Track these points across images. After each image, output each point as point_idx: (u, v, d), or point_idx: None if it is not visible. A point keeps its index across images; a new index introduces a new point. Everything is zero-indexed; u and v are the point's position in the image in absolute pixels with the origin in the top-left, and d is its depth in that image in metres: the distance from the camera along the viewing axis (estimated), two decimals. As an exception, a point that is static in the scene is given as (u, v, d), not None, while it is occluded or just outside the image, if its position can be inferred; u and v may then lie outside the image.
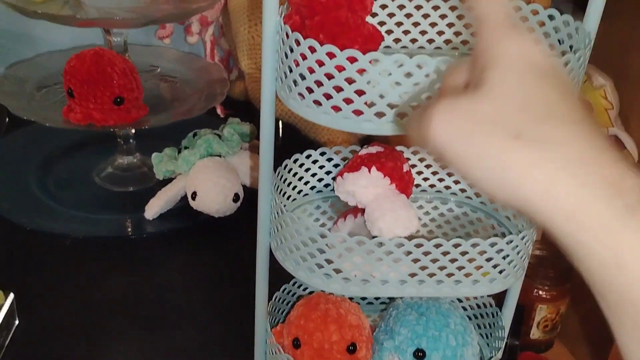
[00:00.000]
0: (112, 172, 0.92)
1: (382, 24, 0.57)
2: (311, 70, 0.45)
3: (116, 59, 0.76)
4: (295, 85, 0.47)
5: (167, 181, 0.85)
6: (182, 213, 0.83)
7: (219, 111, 1.04)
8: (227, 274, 0.77)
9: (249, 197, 0.82)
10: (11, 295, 0.65)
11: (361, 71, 0.44)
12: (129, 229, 0.82)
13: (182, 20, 0.98)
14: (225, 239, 0.82)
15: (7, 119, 1.00)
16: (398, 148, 0.61)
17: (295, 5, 0.49)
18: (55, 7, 0.76)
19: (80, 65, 0.75)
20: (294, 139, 0.99)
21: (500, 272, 0.52)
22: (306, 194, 0.62)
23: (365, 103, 0.45)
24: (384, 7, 0.57)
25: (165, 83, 0.92)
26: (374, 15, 0.57)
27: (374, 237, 0.52)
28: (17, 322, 0.67)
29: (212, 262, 0.79)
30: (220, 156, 0.83)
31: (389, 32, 0.58)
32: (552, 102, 0.32)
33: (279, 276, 0.57)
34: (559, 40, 0.52)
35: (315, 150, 0.61)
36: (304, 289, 0.65)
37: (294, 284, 0.64)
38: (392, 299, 0.66)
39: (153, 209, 0.82)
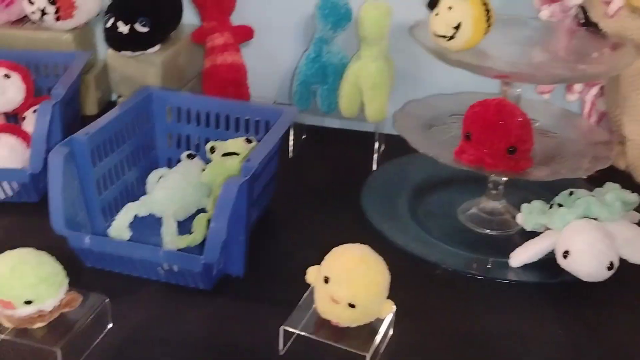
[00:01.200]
0: (476, 213, 0.96)
1: None
2: None
3: (516, 111, 0.81)
4: None
5: (527, 232, 0.87)
6: (546, 268, 0.83)
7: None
8: (583, 342, 0.75)
9: (622, 268, 0.79)
10: (394, 307, 0.72)
11: None
12: (491, 272, 0.85)
13: (587, 82, 0.99)
14: (589, 305, 0.80)
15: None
16: None
17: None
18: (469, 57, 0.84)
19: (483, 112, 0.81)
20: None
21: None
22: None
23: None
24: None
25: (545, 138, 0.94)
26: None
27: None
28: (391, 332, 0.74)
29: (570, 324, 0.77)
30: (597, 220, 0.81)
31: None
32: None
33: None
34: None
35: None
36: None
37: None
38: None
39: (519, 257, 0.84)
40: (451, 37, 0.84)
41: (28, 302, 0.64)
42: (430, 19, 0.87)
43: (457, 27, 0.83)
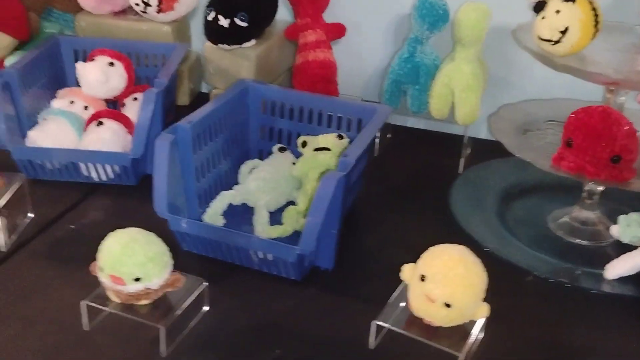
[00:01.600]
0: (568, 222, 0.94)
1: None
2: None
3: (622, 119, 0.79)
4: None
5: (620, 243, 0.85)
6: (643, 282, 0.81)
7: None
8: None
9: None
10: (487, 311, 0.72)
11: None
12: (585, 283, 0.83)
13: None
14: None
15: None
16: None
17: None
18: (576, 62, 0.82)
19: (587, 119, 0.79)
20: None
21: None
22: None
23: None
24: None
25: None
26: None
27: None
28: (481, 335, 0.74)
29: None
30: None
31: None
32: None
33: None
34: None
35: None
36: None
37: None
38: None
39: (616, 269, 0.82)
40: (557, 42, 0.82)
41: (137, 279, 0.67)
42: (536, 22, 0.85)
43: (563, 32, 0.81)
